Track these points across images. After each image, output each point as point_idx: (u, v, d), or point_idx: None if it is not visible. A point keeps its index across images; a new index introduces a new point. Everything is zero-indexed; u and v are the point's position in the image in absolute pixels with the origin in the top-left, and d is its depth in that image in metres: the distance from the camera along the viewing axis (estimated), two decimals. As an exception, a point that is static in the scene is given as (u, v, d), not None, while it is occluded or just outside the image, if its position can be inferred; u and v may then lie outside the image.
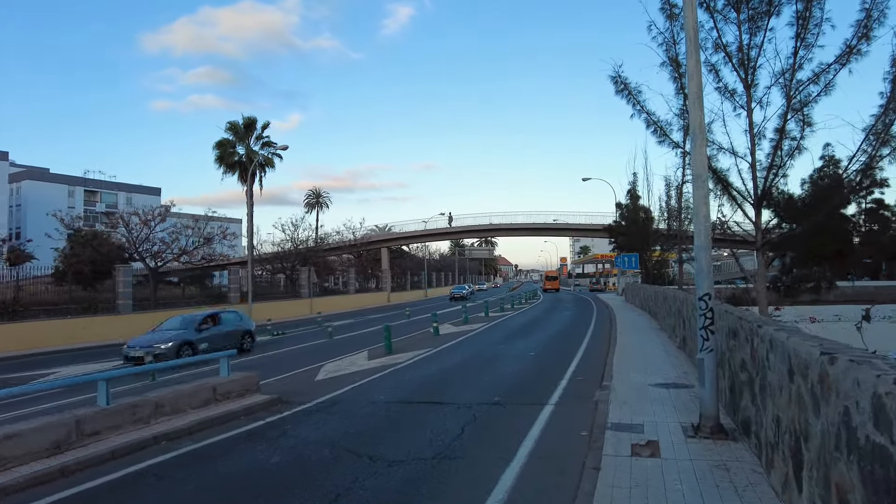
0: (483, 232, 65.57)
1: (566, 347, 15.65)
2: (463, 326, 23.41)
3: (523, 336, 18.99)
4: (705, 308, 6.43)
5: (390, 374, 12.64)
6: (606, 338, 17.07)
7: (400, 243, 66.97)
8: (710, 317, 6.43)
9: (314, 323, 30.90)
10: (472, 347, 16.59)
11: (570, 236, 65.12)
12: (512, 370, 12.37)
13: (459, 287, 65.58)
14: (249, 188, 41.99)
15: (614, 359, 12.47)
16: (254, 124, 42.06)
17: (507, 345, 16.77)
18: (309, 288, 43.62)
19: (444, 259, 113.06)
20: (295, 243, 49.14)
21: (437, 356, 15.13)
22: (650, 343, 15.08)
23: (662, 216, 39.72)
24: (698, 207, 6.52)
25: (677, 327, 14.27)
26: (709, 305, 6.43)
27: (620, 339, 15.94)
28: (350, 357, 15.84)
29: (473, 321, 25.78)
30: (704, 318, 6.43)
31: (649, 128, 13.00)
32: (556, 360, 13.39)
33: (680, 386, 9.26)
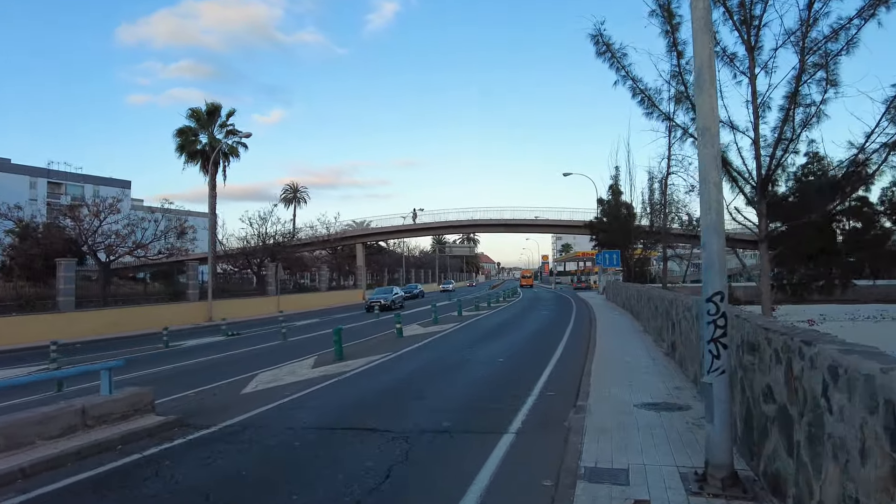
0: (461, 228, 63.77)
1: (540, 352, 13.84)
2: (432, 327, 21.52)
3: (494, 338, 17.16)
4: (716, 313, 4.60)
5: (330, 386, 10.70)
6: (585, 341, 15.31)
7: (376, 239, 64.87)
8: (723, 325, 4.60)
9: (276, 322, 28.85)
10: (436, 352, 14.72)
11: (551, 233, 63.61)
12: (474, 381, 10.51)
13: (383, 290, 42.41)
14: (212, 178, 39.64)
15: (593, 367, 10.68)
16: (217, 111, 39.67)
17: (475, 349, 14.92)
18: (276, 285, 41.41)
19: (425, 256, 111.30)
20: (263, 238, 46.80)
21: (393, 363, 13.22)
22: (633, 348, 13.33)
23: (645, 212, 38.30)
24: (707, 172, 4.68)
25: (665, 331, 12.54)
26: (720, 309, 4.61)
27: (600, 343, 14.18)
28: (294, 364, 13.86)
29: (445, 321, 23.91)
30: (714, 326, 4.60)
31: (635, 97, 11.23)
32: (526, 369, 11.56)
33: (672, 407, 7.47)
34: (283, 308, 40.08)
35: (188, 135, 38.85)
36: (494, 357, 13.34)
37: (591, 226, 50.32)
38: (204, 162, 39.13)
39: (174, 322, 29.24)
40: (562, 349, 14.28)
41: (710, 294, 4.63)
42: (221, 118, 39.91)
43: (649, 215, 35.55)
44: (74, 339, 22.62)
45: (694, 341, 8.69)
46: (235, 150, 40.35)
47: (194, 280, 34.64)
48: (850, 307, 40.16)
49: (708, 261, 4.70)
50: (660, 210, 33.79)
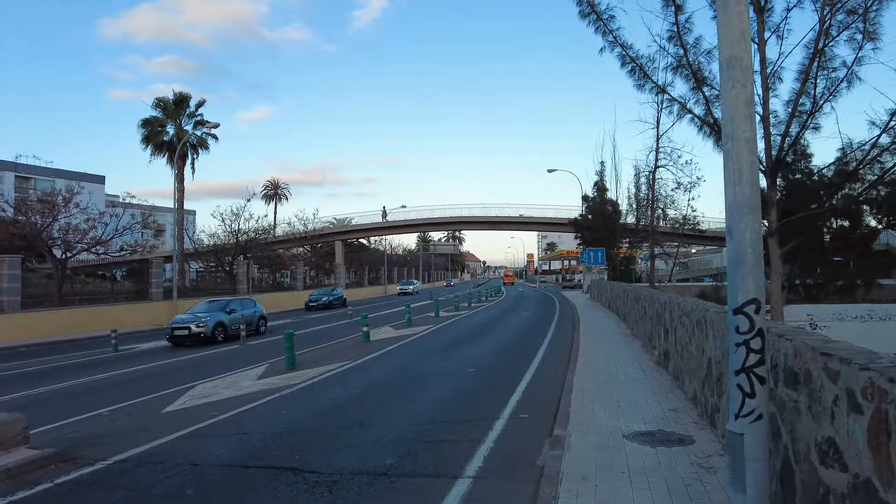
0: (444, 225, 62.26)
1: (517, 360, 12.36)
2: (403, 330, 19.98)
3: (469, 343, 15.66)
4: (749, 331, 3.11)
5: (268, 404, 9.12)
6: (567, 347, 13.87)
7: (356, 236, 63.10)
8: (760, 349, 3.11)
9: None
10: (401, 361, 13.18)
11: (535, 230, 62.41)
12: (436, 399, 8.98)
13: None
14: (179, 171, 37.70)
15: (575, 380, 9.21)
16: (186, 101, 37.72)
17: (446, 356, 13.41)
18: (248, 283, 39.57)
19: (410, 254, 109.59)
20: (235, 234, 44.87)
21: (348, 374, 11.65)
22: (621, 356, 11.91)
23: (631, 208, 37.07)
24: (734, 125, 3.19)
25: (656, 337, 11.12)
26: (755, 325, 3.12)
27: (584, 350, 12.74)
28: (240, 374, 12.25)
29: (420, 323, 22.39)
30: (747, 350, 3.11)
31: (624, 66, 9.77)
32: (499, 381, 10.07)
33: (670, 438, 6.01)
34: (255, 308, 38.32)
35: (154, 125, 36.89)
36: (465, 366, 11.83)
37: (576, 223, 49.09)
38: (171, 154, 37.17)
39: (136, 323, 27.39)
40: (541, 356, 12.81)
41: (741, 303, 3.15)
42: (190, 108, 38.02)
43: (635, 212, 34.33)
44: (18, 342, 20.81)
45: (694, 353, 7.26)
46: (205, 141, 38.47)
47: (158, 278, 32.71)
48: (839, 307, 39.30)
49: (736, 254, 3.21)
50: (646, 206, 32.59)
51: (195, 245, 43.92)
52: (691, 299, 8.09)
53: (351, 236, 61.31)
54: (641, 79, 9.79)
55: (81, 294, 31.60)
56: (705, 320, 6.49)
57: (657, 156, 23.08)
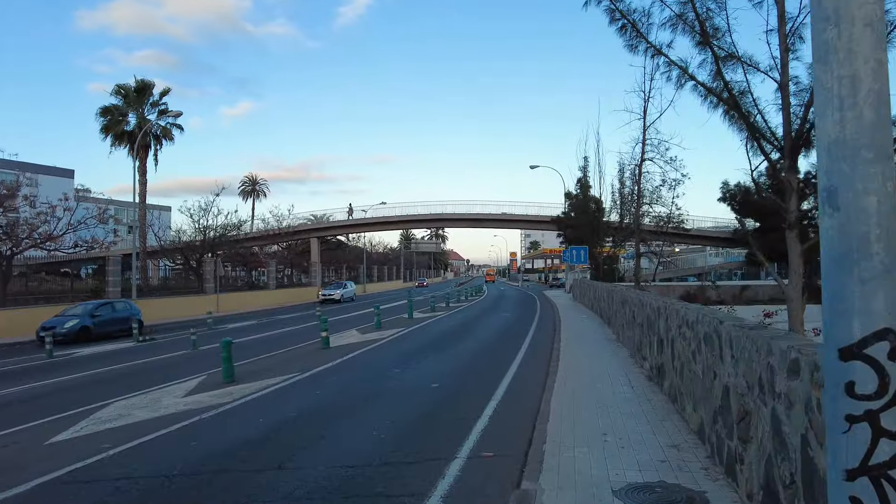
0: (422, 221, 60.62)
1: (488, 373, 10.82)
2: (370, 334, 18.35)
3: (438, 351, 14.09)
4: (882, 392, 1.55)
5: (179, 432, 7.47)
6: (546, 355, 12.37)
7: (333, 233, 61.18)
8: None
9: (205, 325, 25.34)
10: (356, 373, 11.56)
11: (517, 228, 61.07)
12: (383, 428, 7.38)
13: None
14: (141, 163, 35.57)
15: (553, 403, 7.69)
16: (149, 89, 35.58)
17: (409, 367, 11.82)
18: (215, 282, 37.57)
19: (392, 253, 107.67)
20: (204, 231, 42.78)
21: (291, 391, 10.02)
22: (606, 367, 10.43)
23: (615, 205, 35.83)
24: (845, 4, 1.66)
25: (646, 347, 9.65)
26: (891, 382, 1.56)
27: (564, 360, 11.25)
28: (168, 388, 10.55)
29: (390, 326, 20.77)
30: (876, 430, 1.56)
31: (613, 23, 8.21)
32: (463, 403, 8.52)
33: (678, 499, 4.48)
34: (223, 308, 36.44)
35: (114, 114, 34.69)
36: (428, 381, 10.25)
37: (558, 221, 47.81)
38: (133, 145, 35.01)
39: (89, 324, 25.47)
40: (516, 368, 11.27)
41: (861, 335, 1.59)
42: (154, 97, 35.90)
43: (619, 208, 33.08)
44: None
45: (699, 375, 5.78)
46: (169, 132, 36.36)
47: (115, 277, 30.65)
48: None
49: (847, 239, 1.66)
50: (631, 202, 31.30)
51: (161, 242, 41.75)
52: (694, 306, 6.61)
53: (327, 233, 59.38)
54: (634, 38, 8.24)
55: (37, 293, 29.55)
56: (718, 336, 5.00)
57: (643, 148, 21.77)
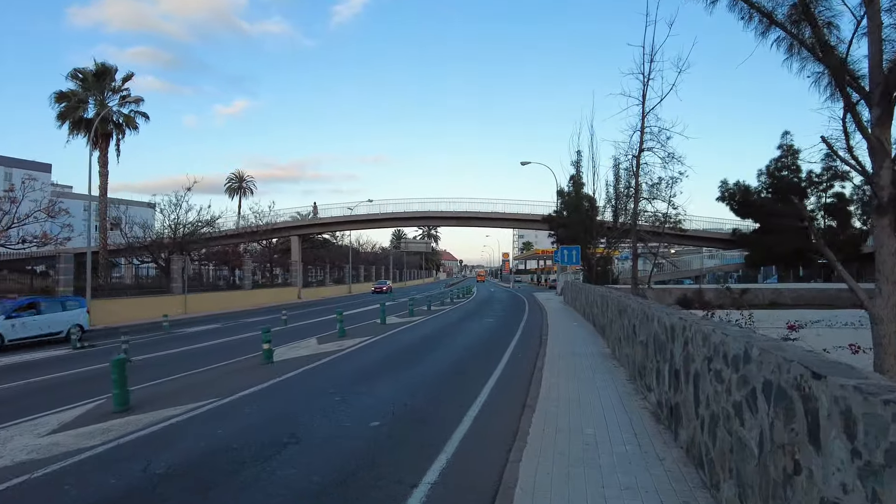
0: (410, 220, 58.26)
1: (448, 406, 8.52)
2: (328, 344, 16.02)
3: (396, 370, 11.76)
4: None
5: (4, 493, 5.13)
6: (526, 379, 10.08)
7: (317, 231, 58.69)
8: None
9: (160, 328, 23.01)
10: (283, 402, 9.20)
11: (507, 227, 58.87)
12: (277, 500, 5.07)
13: None
14: (102, 154, 33.02)
15: (523, 464, 5.40)
16: (110, 73, 33.02)
17: (353, 393, 9.49)
18: (183, 282, 35.08)
19: (383, 252, 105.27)
20: (174, 227, 40.26)
21: (186, 427, 7.66)
22: (600, 399, 8.15)
23: (609, 203, 33.65)
24: None
25: (652, 373, 7.36)
26: None
27: (547, 387, 8.96)
28: (35, 421, 8.20)
29: (357, 333, 18.44)
30: None
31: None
32: (404, 458, 6.21)
33: None
34: (193, 309, 34.04)
35: (71, 100, 32.09)
36: (370, 416, 7.91)
37: (550, 220, 45.64)
38: (92, 134, 32.44)
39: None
40: (486, 398, 8.93)
41: None
42: (116, 82, 33.31)
43: (613, 205, 30.91)
44: None
45: (754, 449, 3.50)
46: (132, 120, 33.77)
47: (66, 275, 28.11)
48: (828, 313, 35.86)
49: None
50: (626, 199, 29.09)
51: (128, 238, 39.17)
52: (734, 329, 4.34)
53: (309, 231, 56.88)
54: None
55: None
56: (809, 401, 2.71)
57: (642, 137, 19.48)
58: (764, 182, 44.26)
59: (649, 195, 20.86)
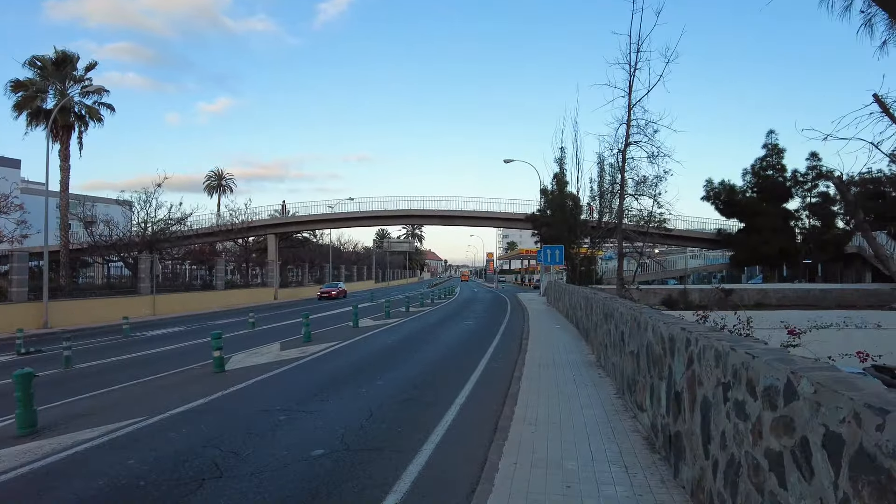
0: (391, 218, 56.99)
1: (407, 428, 7.38)
2: (291, 350, 14.77)
3: (359, 381, 10.57)
4: None
5: None
6: (501, 394, 8.95)
7: (294, 229, 57.15)
8: None
9: (119, 331, 21.53)
10: (222, 420, 7.98)
11: (491, 226, 57.91)
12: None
13: None
14: (63, 147, 31.28)
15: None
16: (71, 61, 31.28)
17: (300, 413, 8.28)
18: (151, 282, 33.48)
19: (366, 251, 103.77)
20: (144, 225, 38.60)
21: (91, 456, 6.41)
22: (584, 419, 7.06)
23: (594, 201, 32.77)
24: None
25: (644, 390, 6.28)
26: None
27: (524, 404, 7.85)
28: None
29: (325, 338, 17.21)
30: None
31: None
32: (349, 495, 5.06)
33: None
34: (162, 310, 32.48)
35: (29, 89, 30.29)
36: (312, 444, 6.69)
37: (534, 219, 44.72)
38: (51, 125, 30.65)
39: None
40: (454, 417, 7.76)
41: None
42: (78, 71, 31.56)
43: (598, 203, 29.99)
44: None
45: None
46: (96, 112, 32.05)
47: (21, 275, 26.41)
48: (812, 314, 35.13)
49: None
50: (610, 197, 28.18)
51: (94, 236, 37.40)
52: (763, 348, 3.23)
53: (287, 229, 55.33)
54: None
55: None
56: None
57: (628, 130, 18.52)
58: (749, 181, 43.78)
59: (635, 191, 19.91)
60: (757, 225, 42.07)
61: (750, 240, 42.54)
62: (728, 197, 43.89)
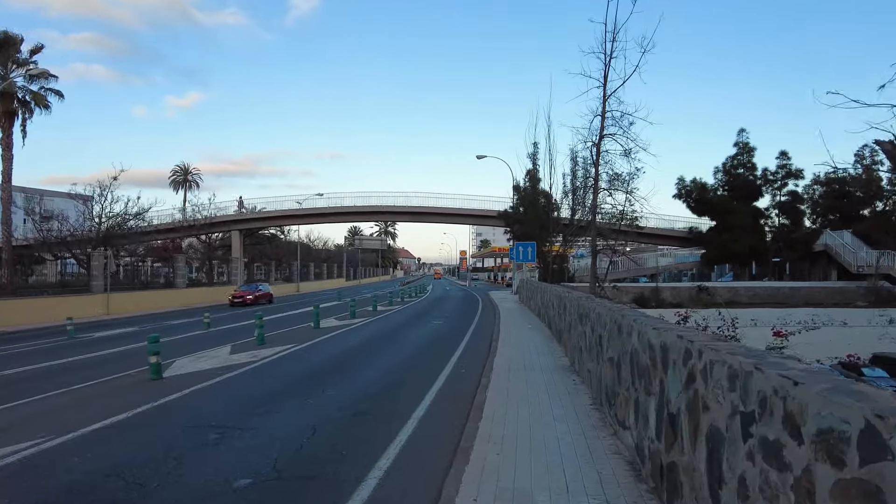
0: (360, 214, 55.72)
1: (359, 447, 6.40)
2: (240, 355, 13.61)
3: (310, 391, 9.54)
4: None
5: None
6: (465, 406, 8.03)
7: (259, 225, 55.36)
8: None
9: (63, 333, 19.94)
10: (148, 437, 6.86)
11: (462, 223, 57.05)
12: None
13: None
14: (6, 136, 29.25)
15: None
16: (14, 43, 29.24)
17: (244, 426, 7.23)
18: (105, 280, 31.64)
19: (337, 249, 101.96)
20: (98, 220, 36.66)
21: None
22: (556, 433, 6.19)
23: (567, 198, 32.16)
24: None
25: (628, 405, 5.42)
26: None
27: (488, 424, 6.95)
28: None
29: (282, 340, 16.08)
30: None
31: None
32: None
33: None
34: (117, 309, 30.68)
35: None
36: (245, 467, 5.65)
37: (506, 216, 44.05)
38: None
39: None
40: (410, 435, 6.78)
41: None
42: (21, 54, 29.56)
43: (570, 199, 29.37)
44: None
45: None
46: (42, 98, 30.07)
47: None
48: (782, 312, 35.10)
49: None
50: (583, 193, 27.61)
51: (43, 232, 35.29)
52: (804, 371, 2.34)
53: (252, 225, 53.56)
54: None
55: None
56: None
57: (603, 122, 17.82)
58: (720, 180, 43.81)
59: (609, 186, 19.23)
60: (728, 223, 42.13)
61: (721, 238, 42.60)
62: (699, 195, 43.88)
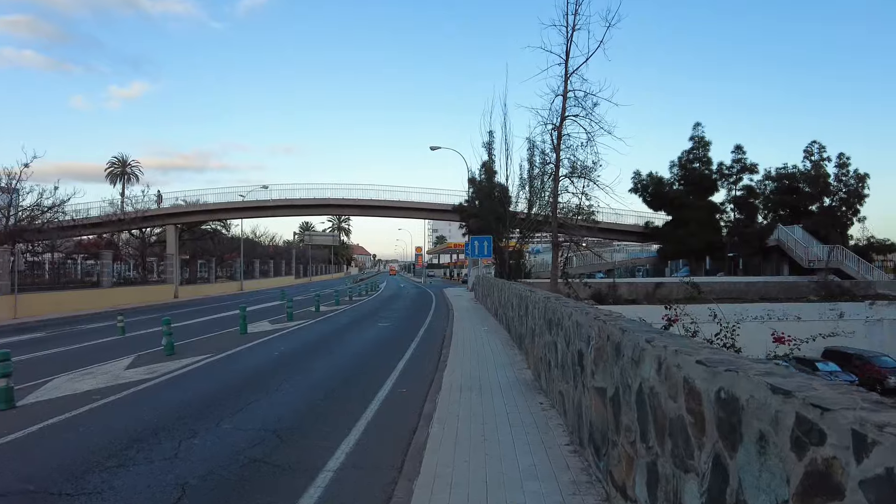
0: (306, 208, 52.86)
1: (256, 498, 4.37)
2: (137, 370, 11.23)
3: (210, 417, 7.39)
4: None
5: None
6: (401, 447, 6.10)
7: (198, 219, 51.77)
8: None
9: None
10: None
11: (417, 217, 55.01)
12: None
13: None
14: None
15: None
16: None
17: (102, 480, 5.07)
18: (12, 279, 28.02)
19: (287, 245, 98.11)
20: (6, 214, 32.82)
21: None
22: (516, 466, 4.32)
23: (524, 189, 30.65)
24: None
25: (665, 487, 3.59)
26: None
27: (428, 480, 5.04)
28: None
29: (197, 349, 13.73)
30: None
31: None
32: None
33: None
34: (29, 311, 27.15)
35: None
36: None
37: (461, 210, 42.32)
38: None
39: None
40: (322, 493, 4.85)
41: None
42: None
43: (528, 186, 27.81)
44: None
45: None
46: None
47: None
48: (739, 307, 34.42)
49: None
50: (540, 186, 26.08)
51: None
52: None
53: (189, 219, 49.98)
54: None
55: None
56: None
57: (565, 102, 16.16)
58: (676, 174, 43.44)
59: (571, 173, 17.61)
60: (684, 218, 41.74)
61: (677, 233, 42.17)
62: (656, 189, 43.36)
